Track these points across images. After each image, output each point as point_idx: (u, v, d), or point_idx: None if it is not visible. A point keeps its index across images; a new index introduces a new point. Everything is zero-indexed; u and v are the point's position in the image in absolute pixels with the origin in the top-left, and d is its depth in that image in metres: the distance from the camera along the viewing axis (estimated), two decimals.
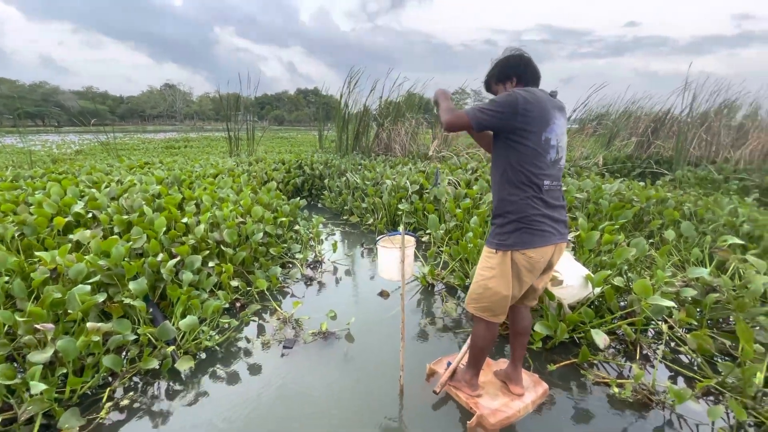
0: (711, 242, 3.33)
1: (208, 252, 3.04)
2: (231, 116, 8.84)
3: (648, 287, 2.15)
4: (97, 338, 1.94)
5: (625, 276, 2.77)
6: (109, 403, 1.88)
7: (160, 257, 2.73)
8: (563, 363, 2.21)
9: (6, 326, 1.97)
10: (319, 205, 6.16)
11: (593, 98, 13.24)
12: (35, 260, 2.56)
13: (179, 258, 2.78)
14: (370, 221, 4.98)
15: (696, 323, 2.39)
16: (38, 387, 1.62)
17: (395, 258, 1.89)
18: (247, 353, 2.36)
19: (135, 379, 2.10)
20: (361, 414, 1.87)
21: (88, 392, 1.96)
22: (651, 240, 3.81)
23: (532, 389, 1.91)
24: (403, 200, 4.92)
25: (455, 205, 4.27)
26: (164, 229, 3.03)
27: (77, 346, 1.84)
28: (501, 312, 1.65)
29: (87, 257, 2.38)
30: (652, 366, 2.23)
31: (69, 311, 2.06)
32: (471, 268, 3.15)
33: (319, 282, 3.39)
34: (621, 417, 1.85)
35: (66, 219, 3.02)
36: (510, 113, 1.44)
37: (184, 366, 2.07)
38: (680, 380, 2.14)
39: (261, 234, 3.33)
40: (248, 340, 2.47)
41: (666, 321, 2.46)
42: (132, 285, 2.34)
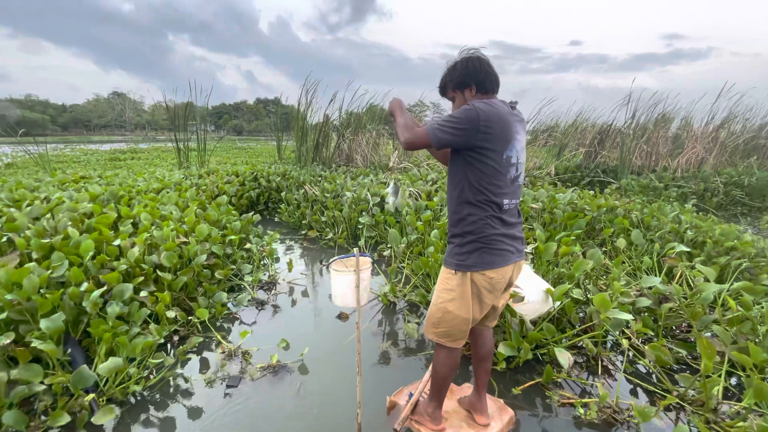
0: (659, 250, 3.45)
1: (143, 278, 2.71)
2: (181, 126, 8.32)
3: (607, 301, 2.14)
4: None
5: (583, 287, 2.77)
6: None
7: (84, 287, 2.39)
8: (528, 384, 2.13)
9: None
10: (276, 220, 5.87)
11: (544, 111, 13.93)
12: None
13: (106, 287, 2.44)
14: (330, 236, 4.78)
15: (652, 333, 2.41)
16: None
17: (350, 283, 1.73)
18: (186, 395, 2.08)
19: None
20: None
21: None
22: (603, 248, 3.91)
23: (498, 418, 1.80)
24: (364, 213, 4.78)
25: (416, 218, 4.19)
26: (91, 254, 2.67)
27: None
28: (461, 336, 1.56)
29: None
30: (614, 379, 2.22)
31: None
32: (433, 284, 3.05)
33: (274, 305, 3.13)
34: None
35: None
36: (471, 130, 1.33)
37: (104, 418, 1.77)
38: (641, 393, 2.13)
39: (205, 255, 3.04)
40: (186, 380, 2.18)
41: (624, 332, 2.46)
42: (43, 323, 1.99)
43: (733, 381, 2.18)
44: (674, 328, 2.67)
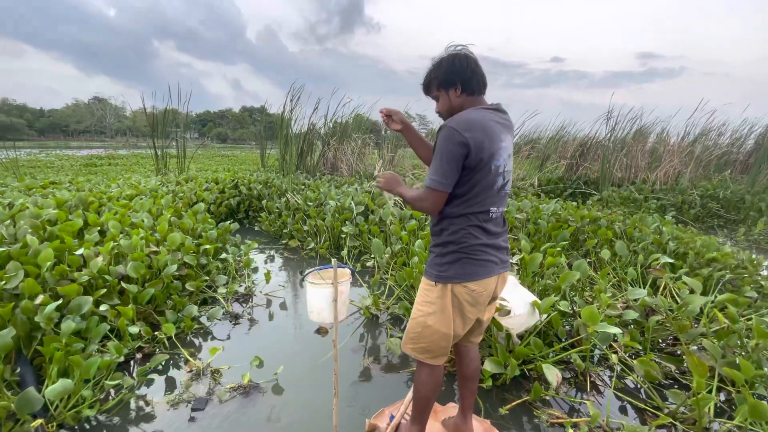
0: (643, 261, 3.44)
1: (106, 290, 2.52)
2: (161, 132, 8.08)
3: (595, 314, 2.07)
4: None
5: (569, 299, 2.71)
6: None
7: (40, 299, 2.19)
8: (515, 402, 2.03)
9: None
10: (256, 229, 5.68)
11: (527, 125, 14.18)
12: None
13: (62, 300, 2.25)
14: (312, 245, 4.64)
15: (640, 347, 2.35)
16: None
17: (327, 296, 1.60)
18: (147, 419, 1.90)
19: None
20: None
21: None
22: (588, 259, 3.89)
23: None
24: (348, 222, 4.66)
25: (400, 227, 4.09)
26: (50, 263, 2.47)
27: None
28: (442, 353, 1.46)
29: None
30: (603, 396, 2.14)
31: None
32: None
33: (249, 319, 2.97)
34: None
35: None
36: (460, 155, 1.26)
37: None
38: (630, 410, 2.05)
39: (176, 266, 2.86)
40: (147, 402, 2.00)
41: (611, 346, 2.40)
42: None
43: (722, 397, 2.14)
44: (660, 341, 2.63)
